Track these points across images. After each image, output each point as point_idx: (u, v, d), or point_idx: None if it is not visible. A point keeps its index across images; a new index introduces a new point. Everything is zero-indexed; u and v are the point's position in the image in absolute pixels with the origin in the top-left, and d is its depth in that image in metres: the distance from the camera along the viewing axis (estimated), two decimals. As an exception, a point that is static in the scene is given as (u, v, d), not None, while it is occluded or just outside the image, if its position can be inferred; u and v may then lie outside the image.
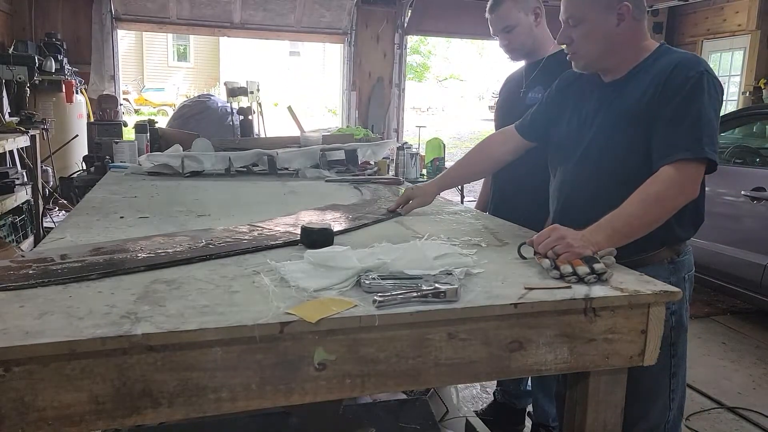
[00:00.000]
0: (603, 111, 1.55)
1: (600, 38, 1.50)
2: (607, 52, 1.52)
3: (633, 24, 1.50)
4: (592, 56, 1.53)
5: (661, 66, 1.47)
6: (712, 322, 3.86)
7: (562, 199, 1.65)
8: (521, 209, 1.96)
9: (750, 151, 4.13)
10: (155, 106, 19.48)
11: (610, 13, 1.48)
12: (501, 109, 2.34)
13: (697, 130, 1.39)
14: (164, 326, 0.90)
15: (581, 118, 1.60)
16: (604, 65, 1.56)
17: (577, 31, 1.51)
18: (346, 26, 8.38)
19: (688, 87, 1.41)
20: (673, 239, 1.53)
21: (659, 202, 1.37)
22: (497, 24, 2.10)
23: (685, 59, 1.46)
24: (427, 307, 1.02)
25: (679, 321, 1.54)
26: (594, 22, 1.49)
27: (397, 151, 4.42)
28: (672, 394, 1.57)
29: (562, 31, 1.55)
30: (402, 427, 1.85)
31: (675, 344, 1.54)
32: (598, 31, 1.49)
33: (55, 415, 0.87)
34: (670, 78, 1.43)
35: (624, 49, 1.52)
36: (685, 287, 1.55)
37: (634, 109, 1.48)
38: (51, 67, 6.40)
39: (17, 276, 1.11)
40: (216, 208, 1.91)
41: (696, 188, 1.41)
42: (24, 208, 4.65)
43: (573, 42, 1.53)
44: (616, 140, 1.51)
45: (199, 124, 6.35)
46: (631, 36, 1.51)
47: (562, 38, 1.56)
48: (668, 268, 1.52)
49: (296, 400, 0.99)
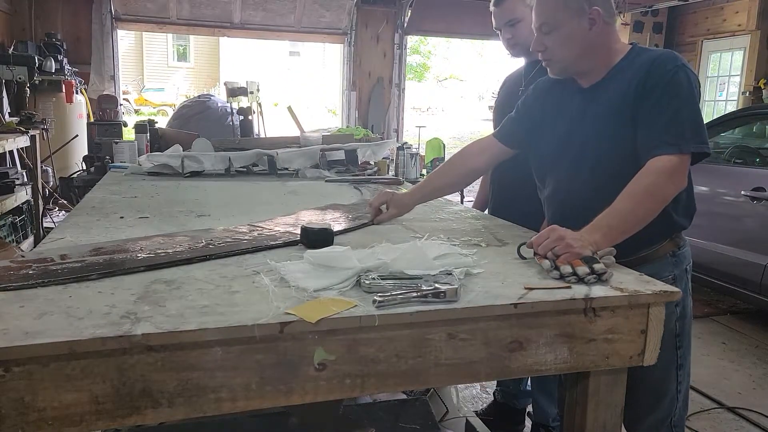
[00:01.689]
0: (589, 114, 1.57)
1: (574, 43, 1.53)
2: (581, 56, 1.54)
3: (605, 27, 1.53)
4: (567, 61, 1.56)
5: (639, 64, 1.50)
6: (712, 322, 3.86)
7: (557, 205, 1.66)
8: (521, 209, 1.96)
9: (750, 151, 4.13)
10: (155, 106, 19.48)
11: (582, 18, 1.51)
12: (500, 109, 2.33)
13: (679, 124, 1.42)
14: (164, 326, 0.90)
15: (566, 123, 1.62)
16: (579, 69, 1.58)
17: (551, 38, 1.54)
18: (346, 26, 8.38)
19: (666, 81, 1.44)
20: (675, 229, 1.56)
21: (650, 194, 1.39)
22: (501, 17, 2.09)
23: (661, 56, 1.49)
24: (427, 307, 1.02)
25: (683, 312, 1.56)
26: (567, 27, 1.52)
27: (397, 151, 4.42)
28: (679, 386, 1.60)
29: (536, 39, 1.57)
30: (402, 427, 1.85)
31: (680, 336, 1.57)
32: (572, 36, 1.52)
33: (55, 415, 0.87)
34: (648, 74, 1.46)
35: (598, 53, 1.55)
36: (687, 279, 1.60)
37: (619, 109, 1.50)
38: (51, 67, 6.41)
39: (17, 276, 1.11)
40: (216, 208, 1.91)
41: (684, 178, 1.43)
42: (24, 208, 4.65)
43: (547, 49, 1.56)
44: (605, 141, 1.53)
45: (199, 124, 6.35)
46: (604, 39, 1.54)
47: (536, 45, 1.58)
48: (671, 261, 1.56)
49: (296, 400, 0.99)
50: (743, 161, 4.00)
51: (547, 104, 1.69)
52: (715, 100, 8.50)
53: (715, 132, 4.17)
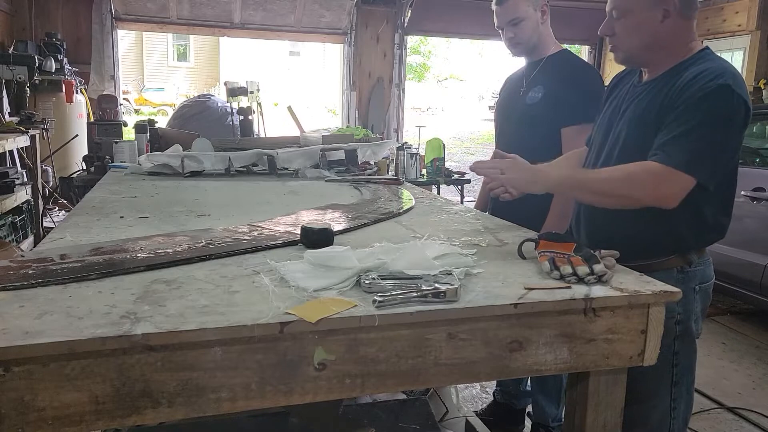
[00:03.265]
0: (628, 112, 1.53)
1: (642, 32, 1.47)
2: (647, 47, 1.49)
3: (679, 22, 1.47)
4: (632, 50, 1.51)
5: (690, 72, 1.43)
6: (712, 322, 3.86)
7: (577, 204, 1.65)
8: (521, 209, 1.96)
9: (750, 151, 4.13)
10: (155, 106, 19.47)
11: (657, 8, 1.45)
12: (501, 109, 2.34)
13: (688, 143, 1.36)
14: (164, 326, 0.90)
15: (611, 117, 1.59)
16: (643, 60, 1.53)
17: (620, 24, 1.49)
18: (346, 26, 8.38)
19: (696, 97, 1.37)
20: (682, 247, 1.50)
21: (628, 181, 1.36)
22: (504, 16, 2.09)
23: (709, 69, 1.41)
24: (427, 307, 1.02)
25: (684, 331, 1.50)
26: (639, 15, 1.46)
27: (397, 151, 4.42)
28: (674, 403, 1.54)
29: (606, 23, 1.52)
30: (402, 427, 1.85)
31: (678, 353, 1.51)
32: (642, 24, 1.47)
33: (55, 415, 0.87)
34: (687, 85, 1.40)
35: (665, 47, 1.48)
36: (694, 298, 1.51)
37: (648, 114, 1.46)
38: (51, 67, 6.40)
39: (17, 276, 1.11)
40: (216, 208, 1.91)
41: (673, 198, 1.37)
42: (24, 208, 4.65)
43: (615, 34, 1.51)
44: (630, 142, 1.49)
45: (199, 124, 6.34)
46: (675, 34, 1.48)
47: (604, 29, 1.53)
48: (676, 277, 1.49)
49: (296, 400, 0.99)
50: (743, 161, 3.99)
51: (610, 96, 1.66)
52: (715, 101, 8.50)
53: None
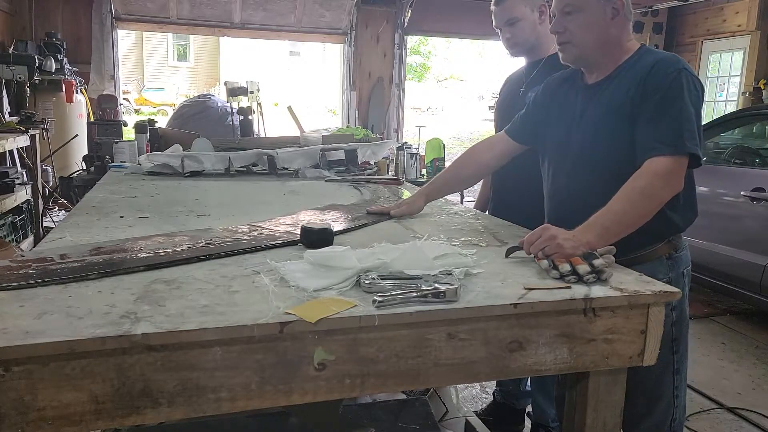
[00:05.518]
0: (589, 111, 1.57)
1: (594, 29, 1.53)
2: (598, 44, 1.55)
3: (623, 21, 1.55)
4: (585, 47, 1.56)
5: (642, 65, 1.51)
6: (712, 322, 3.86)
7: (557, 205, 1.67)
8: (521, 209, 1.96)
9: (750, 151, 4.13)
10: (155, 106, 19.46)
11: (607, 5, 1.52)
12: (501, 109, 2.34)
13: (677, 126, 1.42)
14: (164, 326, 0.90)
15: (568, 119, 1.62)
16: (592, 59, 1.58)
17: (573, 21, 1.54)
18: (346, 26, 8.38)
19: (667, 84, 1.44)
20: (671, 231, 1.55)
21: (645, 196, 1.38)
22: (502, 16, 2.09)
23: (664, 58, 1.50)
24: (426, 307, 1.02)
25: (680, 316, 1.55)
26: (591, 11, 1.52)
27: (397, 151, 4.42)
28: (676, 391, 1.58)
29: (556, 21, 1.57)
30: (402, 427, 1.85)
31: (677, 340, 1.55)
32: (594, 21, 1.53)
33: (54, 415, 0.87)
34: (649, 76, 1.47)
35: (611, 46, 1.55)
36: (684, 283, 1.58)
37: (618, 107, 1.50)
38: (51, 67, 6.40)
39: (17, 276, 1.11)
40: (216, 208, 1.91)
41: (680, 181, 1.43)
42: (24, 208, 4.66)
43: (566, 31, 1.55)
44: (604, 142, 1.53)
45: (199, 124, 6.34)
46: (620, 32, 1.56)
47: (555, 27, 1.58)
48: (667, 264, 1.54)
49: (296, 400, 0.99)
50: (743, 161, 4.00)
51: (553, 102, 1.70)
52: (715, 101, 8.50)
53: (715, 132, 4.17)
